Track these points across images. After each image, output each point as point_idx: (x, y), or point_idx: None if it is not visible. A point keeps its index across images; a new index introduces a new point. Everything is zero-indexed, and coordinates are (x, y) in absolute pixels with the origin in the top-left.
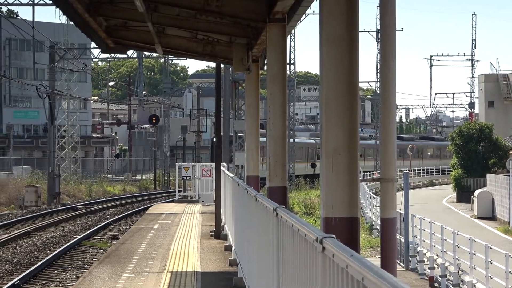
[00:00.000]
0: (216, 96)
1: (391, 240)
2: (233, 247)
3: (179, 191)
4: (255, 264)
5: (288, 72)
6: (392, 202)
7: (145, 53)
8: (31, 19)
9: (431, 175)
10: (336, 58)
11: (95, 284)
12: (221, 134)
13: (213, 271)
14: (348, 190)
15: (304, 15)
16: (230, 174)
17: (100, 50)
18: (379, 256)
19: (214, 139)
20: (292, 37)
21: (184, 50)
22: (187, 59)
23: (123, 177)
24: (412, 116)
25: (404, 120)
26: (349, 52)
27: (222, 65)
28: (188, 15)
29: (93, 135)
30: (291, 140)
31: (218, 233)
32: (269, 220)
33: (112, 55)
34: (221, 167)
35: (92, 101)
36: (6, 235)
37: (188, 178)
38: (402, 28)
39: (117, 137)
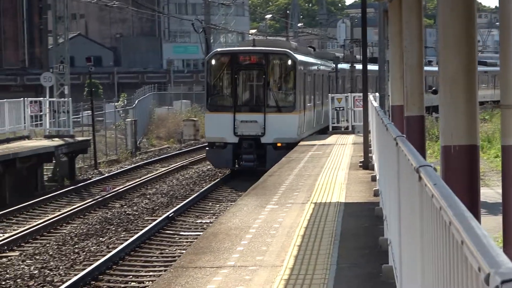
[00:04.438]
0: (362, 25)
1: None
2: (378, 177)
3: (333, 122)
4: (386, 193)
5: None
6: None
7: None
8: None
9: None
10: None
11: (238, 216)
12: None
13: (357, 202)
14: (466, 118)
15: None
16: (375, 104)
17: None
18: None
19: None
20: None
21: None
22: None
23: None
24: None
25: None
26: None
27: None
28: None
29: None
30: None
31: (367, 164)
32: (393, 149)
33: None
34: (370, 97)
35: (249, 35)
36: (164, 169)
37: (341, 109)
38: None
39: None
